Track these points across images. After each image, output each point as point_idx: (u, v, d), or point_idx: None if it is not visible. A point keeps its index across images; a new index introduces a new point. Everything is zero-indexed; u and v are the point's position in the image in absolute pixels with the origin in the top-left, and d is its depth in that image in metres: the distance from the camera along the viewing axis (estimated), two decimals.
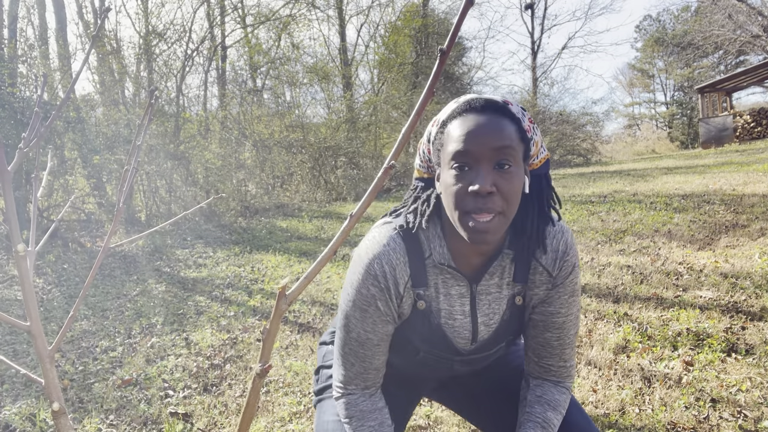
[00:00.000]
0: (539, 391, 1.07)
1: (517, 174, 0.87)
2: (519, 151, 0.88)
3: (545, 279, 1.02)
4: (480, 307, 1.02)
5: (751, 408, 1.95)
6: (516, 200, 0.88)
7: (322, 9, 14.26)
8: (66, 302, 4.16)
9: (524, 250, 0.99)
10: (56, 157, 6.59)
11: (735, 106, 18.96)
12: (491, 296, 1.03)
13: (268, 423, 2.16)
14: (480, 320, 1.03)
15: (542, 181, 0.99)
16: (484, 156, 0.85)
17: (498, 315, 1.04)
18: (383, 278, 0.97)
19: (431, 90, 0.39)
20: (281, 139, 10.83)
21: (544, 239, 0.99)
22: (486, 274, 1.00)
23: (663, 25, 30.47)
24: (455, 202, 0.88)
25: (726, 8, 19.56)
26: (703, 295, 3.13)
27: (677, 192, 7.00)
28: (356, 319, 1.00)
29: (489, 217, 0.85)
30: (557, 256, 1.01)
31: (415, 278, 0.99)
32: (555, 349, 1.05)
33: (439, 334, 1.02)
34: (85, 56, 0.47)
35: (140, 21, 9.45)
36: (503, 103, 0.90)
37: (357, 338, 1.01)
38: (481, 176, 0.85)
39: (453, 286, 1.01)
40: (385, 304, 0.99)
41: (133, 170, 0.53)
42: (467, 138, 0.86)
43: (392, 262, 0.97)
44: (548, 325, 1.04)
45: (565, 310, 1.03)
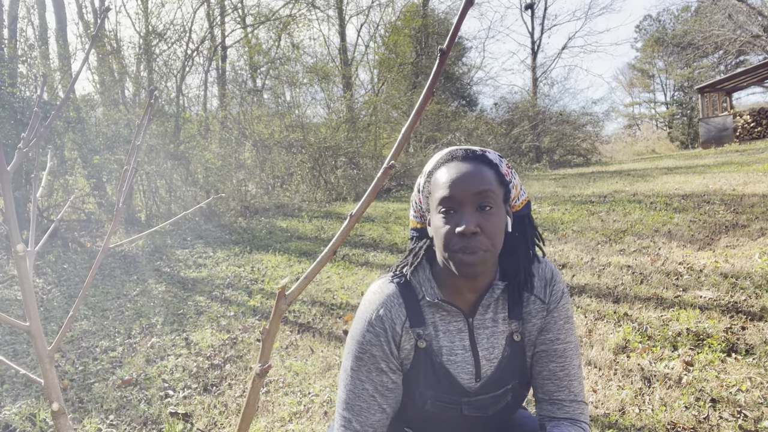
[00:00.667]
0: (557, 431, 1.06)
1: (498, 214, 0.96)
2: (499, 194, 0.98)
3: (539, 307, 1.08)
4: (479, 341, 1.06)
5: (751, 408, 1.95)
6: (499, 238, 0.97)
7: (322, 9, 14.26)
8: (66, 302, 4.16)
9: (514, 285, 1.05)
10: (56, 157, 6.59)
11: (735, 106, 18.96)
12: (488, 330, 1.07)
13: (268, 423, 2.16)
14: (481, 354, 1.06)
15: (525, 221, 1.07)
16: (467, 200, 0.95)
17: (498, 350, 1.07)
18: (379, 322, 1.03)
19: (431, 90, 0.39)
20: (281, 139, 10.83)
21: (531, 275, 1.07)
22: (480, 307, 1.05)
23: (663, 25, 30.47)
24: (444, 243, 0.96)
25: (726, 8, 19.56)
26: (703, 295, 3.13)
27: (677, 192, 7.00)
28: (353, 370, 1.04)
29: (476, 254, 0.93)
30: (546, 283, 1.08)
31: (413, 318, 1.04)
32: (562, 380, 1.07)
33: (443, 372, 1.05)
34: (85, 56, 0.47)
35: (140, 21, 9.46)
36: (482, 152, 1.01)
37: (353, 390, 1.04)
38: (465, 218, 0.93)
39: (451, 322, 1.06)
40: (381, 349, 1.03)
41: (133, 170, 0.53)
42: (451, 185, 0.96)
43: (387, 305, 1.04)
44: (550, 355, 1.07)
45: (564, 337, 1.08)
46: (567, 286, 3.59)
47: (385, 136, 13.33)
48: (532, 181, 10.91)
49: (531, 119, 17.05)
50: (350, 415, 1.04)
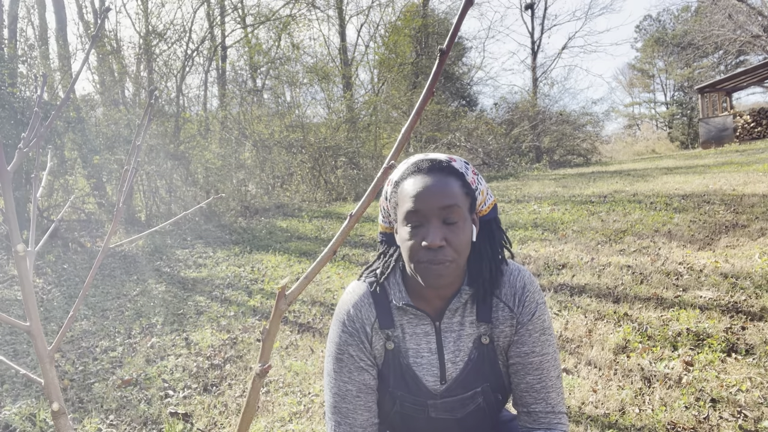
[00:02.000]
0: None
1: (463, 227, 0.97)
2: (464, 206, 0.98)
3: (507, 315, 1.07)
4: (446, 344, 1.08)
5: (751, 408, 1.95)
6: (465, 249, 0.98)
7: (322, 9, 14.26)
8: (66, 302, 4.16)
9: (482, 290, 1.06)
10: (56, 157, 6.59)
11: (735, 106, 18.95)
12: (455, 333, 1.08)
13: (268, 423, 2.16)
14: (447, 357, 1.07)
15: (492, 225, 1.08)
16: (433, 214, 0.96)
17: (464, 353, 1.08)
18: (350, 322, 1.07)
19: (431, 90, 0.39)
20: (281, 139, 10.83)
21: (498, 278, 1.07)
22: (447, 311, 1.06)
23: (663, 25, 30.48)
24: (410, 255, 0.98)
25: (726, 8, 19.56)
26: (703, 295, 3.13)
27: (677, 192, 7.00)
28: (335, 372, 1.07)
29: (440, 264, 0.95)
30: (515, 292, 1.08)
31: (382, 320, 1.07)
32: (539, 393, 1.07)
33: (410, 374, 1.07)
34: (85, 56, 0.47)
35: (140, 21, 9.46)
36: (447, 162, 1.00)
37: (338, 392, 1.06)
38: (431, 232, 0.95)
39: (418, 325, 1.08)
40: (357, 348, 1.06)
41: (133, 170, 0.53)
42: (417, 199, 0.96)
43: (358, 305, 1.08)
44: (526, 367, 1.07)
45: (539, 349, 1.07)
46: (567, 287, 3.59)
47: (385, 136, 13.33)
48: (532, 181, 10.91)
49: (531, 119, 17.05)
50: (339, 418, 1.07)
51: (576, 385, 2.25)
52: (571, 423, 1.98)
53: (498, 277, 1.07)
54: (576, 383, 2.26)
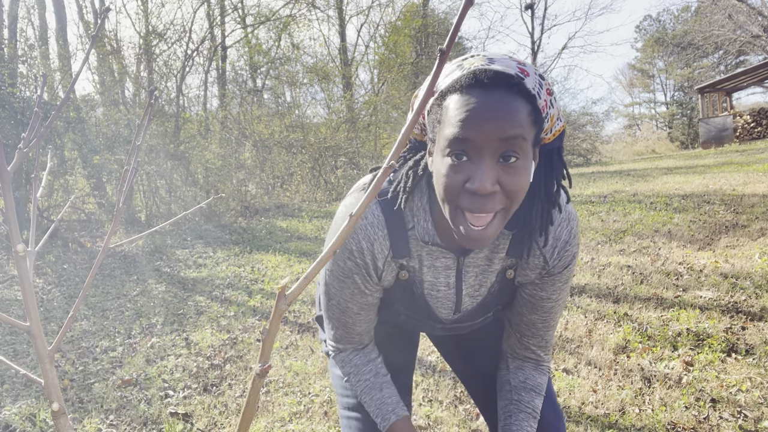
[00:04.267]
0: (522, 376, 1.05)
1: (524, 167, 0.74)
2: (530, 139, 0.74)
3: (540, 264, 0.94)
4: (466, 279, 0.96)
5: (751, 408, 1.95)
6: (521, 196, 0.76)
7: (322, 9, 14.26)
8: (66, 302, 4.16)
9: (525, 233, 0.89)
10: (56, 157, 6.59)
11: (735, 106, 18.95)
12: (479, 269, 0.96)
13: (268, 423, 2.16)
14: (465, 292, 0.98)
15: (553, 158, 0.85)
16: (488, 147, 0.72)
17: (485, 287, 0.98)
18: (360, 254, 0.91)
19: (431, 90, 0.39)
20: (281, 139, 10.82)
21: (548, 227, 0.87)
22: (476, 250, 0.92)
23: (663, 25, 30.48)
24: (448, 197, 0.76)
25: (726, 8, 19.56)
26: (703, 295, 3.13)
27: (677, 192, 7.00)
28: (335, 288, 0.97)
29: (486, 219, 0.74)
30: (557, 245, 0.92)
31: (396, 249, 0.91)
32: (539, 330, 1.03)
33: (421, 303, 0.99)
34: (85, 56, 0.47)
35: (140, 21, 9.46)
36: (517, 77, 0.73)
37: (338, 305, 0.99)
38: (481, 173, 0.72)
39: (438, 258, 0.94)
40: (363, 278, 0.94)
41: (133, 170, 0.53)
42: (468, 123, 0.72)
43: (369, 236, 0.90)
44: (536, 308, 1.00)
45: (556, 296, 0.99)
46: None
47: (385, 136, 13.32)
48: None
49: None
50: (336, 323, 1.02)
51: (576, 385, 2.25)
52: (571, 423, 1.98)
53: (548, 227, 0.87)
54: (576, 383, 2.26)
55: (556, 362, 2.49)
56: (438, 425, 2.04)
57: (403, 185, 0.88)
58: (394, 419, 1.02)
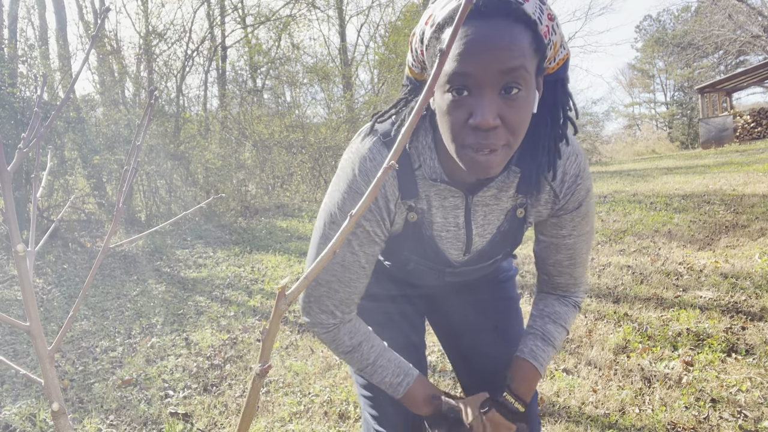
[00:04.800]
0: (542, 305, 1.08)
1: (526, 99, 0.72)
2: (532, 68, 0.72)
3: (550, 199, 0.93)
4: (475, 218, 0.95)
5: (751, 408, 1.95)
6: (524, 130, 0.75)
7: (322, 9, 14.26)
8: (66, 302, 4.16)
9: (533, 169, 0.87)
10: (56, 157, 6.59)
11: (735, 106, 18.96)
12: (488, 207, 0.94)
13: (268, 423, 2.16)
14: (475, 231, 0.96)
15: (558, 88, 0.82)
16: (488, 80, 0.70)
17: (494, 226, 0.97)
18: (374, 201, 0.88)
19: (431, 90, 0.39)
20: (281, 139, 10.82)
21: (555, 161, 0.86)
22: (485, 188, 0.91)
23: (663, 25, 30.49)
24: (452, 135, 0.75)
25: (726, 8, 19.56)
26: (703, 295, 3.13)
27: (677, 192, 7.00)
28: (346, 242, 0.91)
29: (491, 152, 0.73)
30: (566, 179, 0.91)
31: (405, 190, 0.89)
32: (566, 268, 1.02)
33: (431, 245, 0.96)
34: (85, 56, 0.47)
35: (140, 21, 9.46)
36: (516, 2, 0.69)
37: (341, 262, 0.92)
38: (482, 107, 0.70)
39: (447, 198, 0.92)
40: (376, 224, 0.90)
41: (133, 170, 0.53)
42: (466, 56, 0.69)
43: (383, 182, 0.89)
44: (559, 248, 0.99)
45: (578, 231, 0.97)
46: None
47: None
48: None
49: None
50: (337, 286, 0.94)
51: (576, 385, 2.25)
52: (571, 423, 1.98)
53: (556, 160, 0.86)
54: (576, 383, 2.26)
55: (556, 362, 2.49)
56: None
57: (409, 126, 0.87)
58: (416, 374, 1.00)
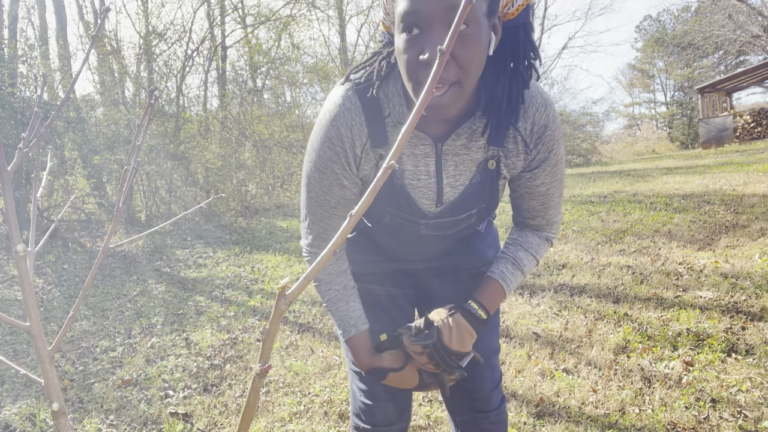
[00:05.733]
0: (515, 235, 1.11)
1: (476, 36, 0.75)
2: (480, 7, 0.76)
3: (521, 149, 0.95)
4: (446, 167, 0.96)
5: (751, 408, 1.95)
6: (475, 68, 0.77)
7: (322, 9, 14.26)
8: (66, 302, 4.16)
9: (498, 116, 0.89)
10: (56, 157, 6.59)
11: (735, 107, 18.96)
12: (458, 158, 0.96)
13: (268, 423, 2.16)
14: (445, 181, 0.97)
15: (519, 34, 0.85)
16: (436, 16, 0.73)
17: (465, 177, 0.98)
18: (339, 141, 0.92)
19: (431, 90, 0.39)
20: (281, 139, 10.82)
21: (518, 106, 0.89)
22: (453, 135, 0.92)
23: (663, 25, 30.49)
24: (407, 72, 0.79)
25: (726, 8, 19.56)
26: (703, 295, 3.13)
27: (677, 192, 7.00)
28: (315, 180, 0.98)
29: (442, 90, 0.77)
30: (535, 129, 0.93)
31: (374, 138, 0.92)
32: (539, 213, 1.06)
33: (404, 194, 0.98)
34: (85, 56, 0.47)
35: (140, 21, 9.45)
36: None
37: (316, 198, 0.99)
38: (431, 42, 0.74)
39: (417, 146, 0.94)
40: (342, 167, 0.95)
41: (133, 170, 0.53)
42: None
43: (348, 122, 0.91)
44: (532, 194, 1.03)
45: (549, 179, 1.00)
46: (567, 287, 3.59)
47: None
48: None
49: None
50: (313, 218, 1.02)
51: (576, 385, 2.25)
52: (571, 423, 1.98)
53: (518, 105, 0.89)
54: (576, 383, 2.26)
55: (556, 362, 2.49)
56: (438, 425, 2.04)
57: (377, 73, 0.90)
58: (353, 332, 1.06)
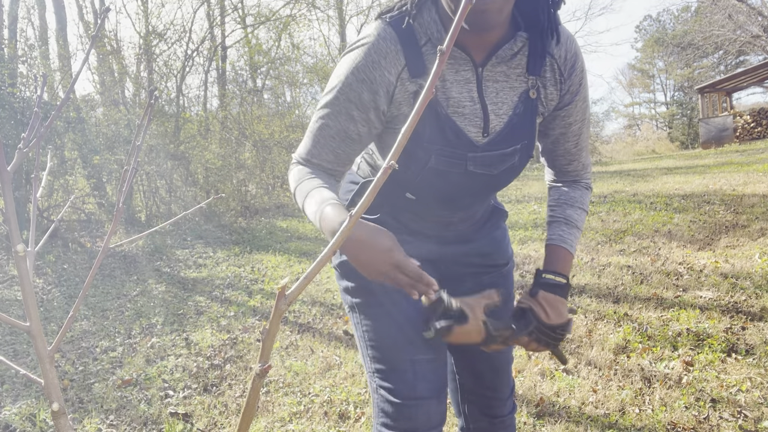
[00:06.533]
0: (556, 194, 1.14)
1: None
2: None
3: (557, 78, 0.97)
4: (488, 94, 0.95)
5: (751, 408, 1.95)
6: None
7: (322, 9, 14.28)
8: (66, 302, 4.16)
9: (540, 39, 0.92)
10: (56, 157, 6.59)
11: (735, 106, 18.96)
12: (498, 84, 0.95)
13: (268, 423, 2.16)
14: (490, 108, 0.95)
15: None
16: None
17: (508, 105, 0.97)
18: (367, 69, 0.89)
19: (431, 90, 0.39)
20: (281, 139, 10.82)
21: (557, 28, 0.91)
22: (494, 58, 0.92)
23: (663, 25, 30.50)
24: None
25: (726, 8, 19.56)
26: (703, 295, 3.13)
27: (677, 192, 7.00)
28: (328, 104, 0.94)
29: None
30: (569, 56, 0.96)
31: (413, 67, 0.90)
32: (574, 155, 1.09)
33: (449, 125, 0.95)
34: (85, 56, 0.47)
35: (140, 21, 9.46)
36: None
37: (318, 120, 0.95)
38: None
39: (459, 71, 0.93)
40: (359, 98, 0.91)
41: (133, 170, 0.53)
42: None
43: (382, 50, 0.89)
44: (567, 136, 1.05)
45: (581, 116, 1.03)
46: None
47: None
48: (532, 181, 10.91)
49: None
50: (310, 141, 0.98)
51: (576, 385, 2.25)
52: (571, 423, 1.98)
53: (557, 26, 0.91)
54: (576, 383, 2.26)
55: (557, 362, 2.49)
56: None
57: (410, 4, 0.89)
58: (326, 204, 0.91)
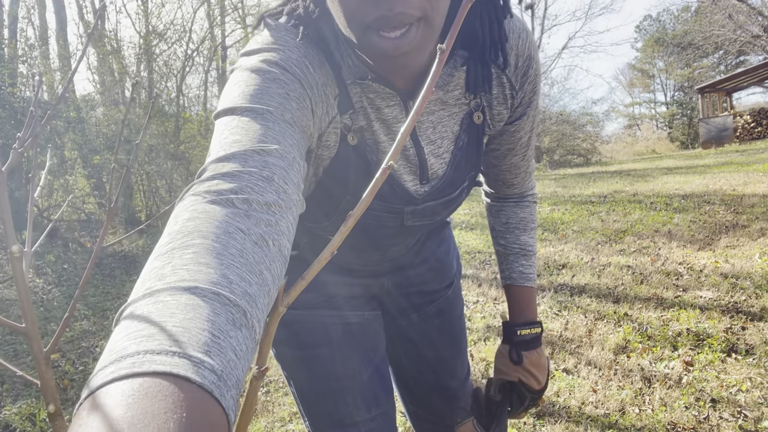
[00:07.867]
0: (504, 218, 1.01)
1: None
2: None
3: (507, 94, 0.75)
4: (422, 131, 0.73)
5: (751, 408, 1.94)
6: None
7: None
8: (66, 302, 4.16)
9: (481, 57, 0.69)
10: (56, 157, 6.59)
11: (735, 106, 18.96)
12: (434, 116, 0.73)
13: (268, 423, 2.16)
14: (427, 150, 0.74)
15: None
16: None
17: (449, 140, 0.76)
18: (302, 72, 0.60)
19: (431, 90, 0.38)
20: None
21: (502, 40, 0.68)
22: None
23: (663, 25, 30.49)
24: (347, 15, 0.54)
25: (726, 8, 19.56)
26: (703, 295, 3.13)
27: (677, 192, 7.00)
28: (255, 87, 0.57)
29: (400, 30, 0.53)
30: (519, 63, 0.73)
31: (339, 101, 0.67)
32: (521, 168, 0.92)
33: None
34: (83, 51, 0.47)
35: (140, 21, 9.46)
36: None
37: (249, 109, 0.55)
38: None
39: (382, 108, 0.69)
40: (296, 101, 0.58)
41: (127, 169, 0.53)
42: None
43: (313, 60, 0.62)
44: (516, 150, 0.87)
45: (530, 125, 0.83)
46: (567, 287, 3.59)
47: None
48: None
49: None
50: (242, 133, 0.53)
51: (576, 385, 2.25)
52: (571, 423, 1.98)
53: (503, 39, 0.68)
54: (576, 383, 2.26)
55: (556, 362, 2.49)
56: None
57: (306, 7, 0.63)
58: None
